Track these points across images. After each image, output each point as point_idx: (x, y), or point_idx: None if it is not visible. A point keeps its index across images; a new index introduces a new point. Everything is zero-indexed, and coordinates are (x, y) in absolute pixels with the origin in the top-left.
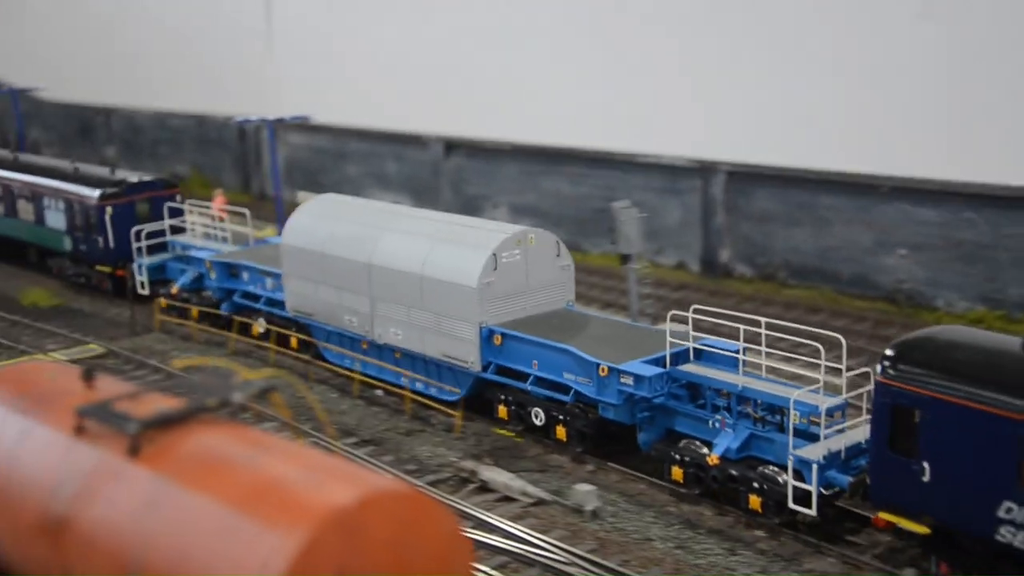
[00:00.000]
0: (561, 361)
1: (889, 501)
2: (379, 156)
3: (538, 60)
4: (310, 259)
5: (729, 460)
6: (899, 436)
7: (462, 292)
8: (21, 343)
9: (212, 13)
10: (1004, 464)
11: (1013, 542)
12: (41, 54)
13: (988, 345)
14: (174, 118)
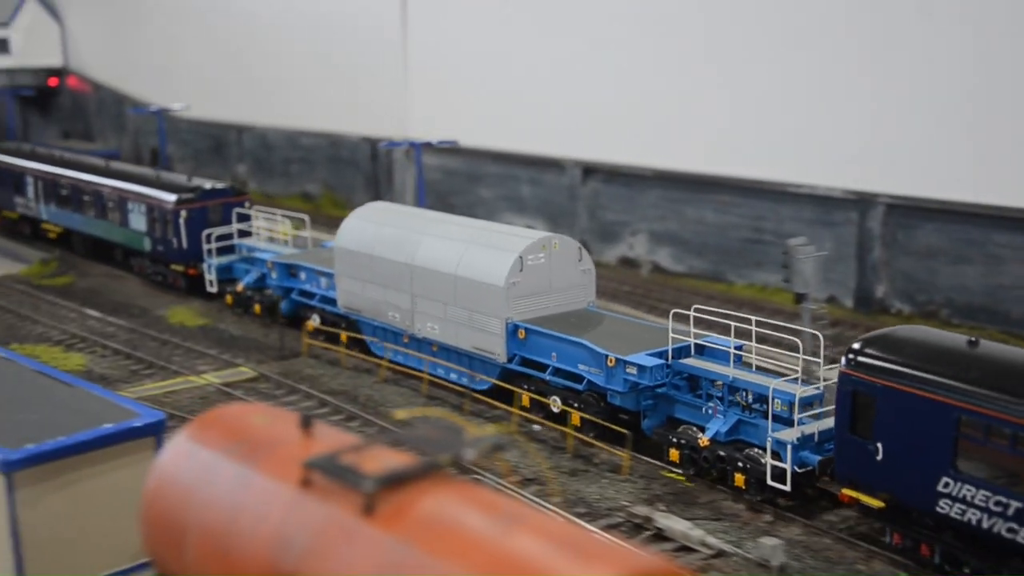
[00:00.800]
0: (576, 353)
1: (851, 478)
2: (514, 179)
3: (682, 84)
4: (359, 260)
5: (719, 443)
6: (858, 420)
7: (491, 291)
8: (173, 363)
9: (348, 34)
10: (942, 444)
11: (950, 513)
12: (179, 74)
13: (938, 342)
14: (306, 137)
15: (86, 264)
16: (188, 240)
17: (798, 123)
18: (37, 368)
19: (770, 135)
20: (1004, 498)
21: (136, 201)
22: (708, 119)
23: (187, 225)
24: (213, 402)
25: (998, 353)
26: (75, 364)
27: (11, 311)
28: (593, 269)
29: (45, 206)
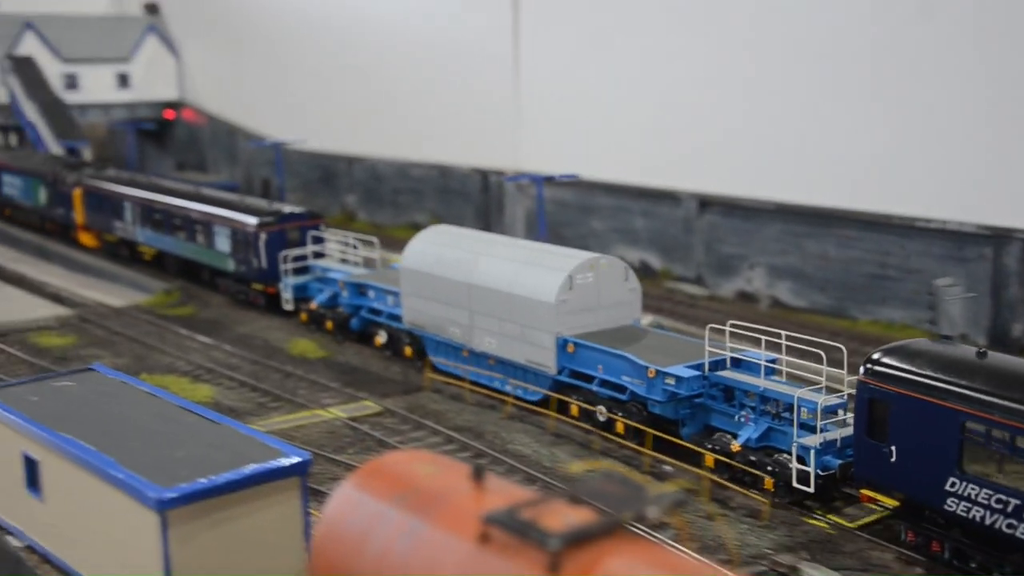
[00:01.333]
0: (620, 366)
1: (868, 479)
2: (627, 211)
3: (805, 115)
4: (423, 280)
5: (750, 448)
6: (874, 425)
7: (542, 307)
8: (299, 396)
9: (459, 66)
10: (949, 447)
11: (957, 511)
12: (290, 105)
13: (948, 353)
14: (416, 168)
15: (206, 295)
16: (267, 261)
17: (928, 156)
18: (182, 404)
19: (898, 168)
20: (1004, 496)
21: (221, 224)
22: (831, 151)
23: (267, 247)
24: (341, 436)
25: (1003, 363)
26: (203, 395)
27: (139, 341)
28: (639, 288)
29: (141, 229)
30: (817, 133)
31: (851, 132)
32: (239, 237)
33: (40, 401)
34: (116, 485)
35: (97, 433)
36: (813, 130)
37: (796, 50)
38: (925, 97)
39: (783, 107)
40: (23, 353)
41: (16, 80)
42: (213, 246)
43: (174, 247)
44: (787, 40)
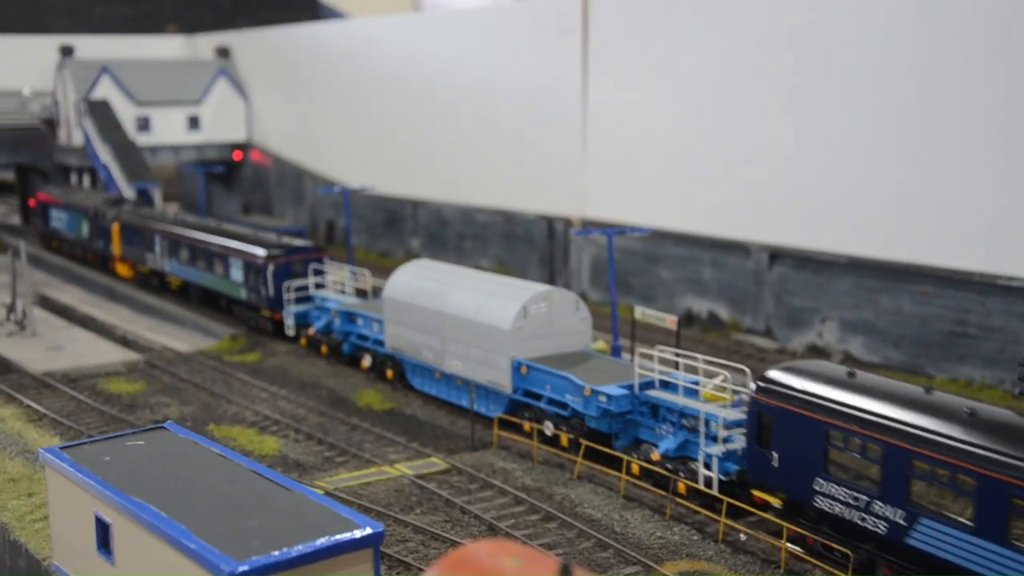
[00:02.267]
0: (564, 385)
1: (758, 482)
2: (696, 262)
3: (880, 167)
4: (403, 308)
5: (668, 457)
6: (762, 434)
7: (500, 334)
8: (365, 451)
9: (526, 112)
10: (816, 452)
11: (823, 507)
12: (356, 149)
13: (823, 373)
14: (481, 213)
15: (272, 343)
16: (274, 290)
17: (1010, 212)
18: (253, 468)
19: (978, 223)
20: (850, 494)
21: (235, 256)
22: (907, 204)
23: (273, 277)
24: (408, 495)
25: (867, 382)
26: (270, 449)
27: (205, 388)
28: (590, 318)
29: (168, 260)
30: (892, 186)
31: (928, 186)
32: (250, 268)
33: (112, 461)
34: (188, 554)
35: (169, 497)
36: (888, 183)
37: (871, 102)
38: (1007, 150)
39: (858, 159)
40: (93, 400)
41: (91, 123)
42: (228, 276)
43: (196, 277)
44: (862, 92)
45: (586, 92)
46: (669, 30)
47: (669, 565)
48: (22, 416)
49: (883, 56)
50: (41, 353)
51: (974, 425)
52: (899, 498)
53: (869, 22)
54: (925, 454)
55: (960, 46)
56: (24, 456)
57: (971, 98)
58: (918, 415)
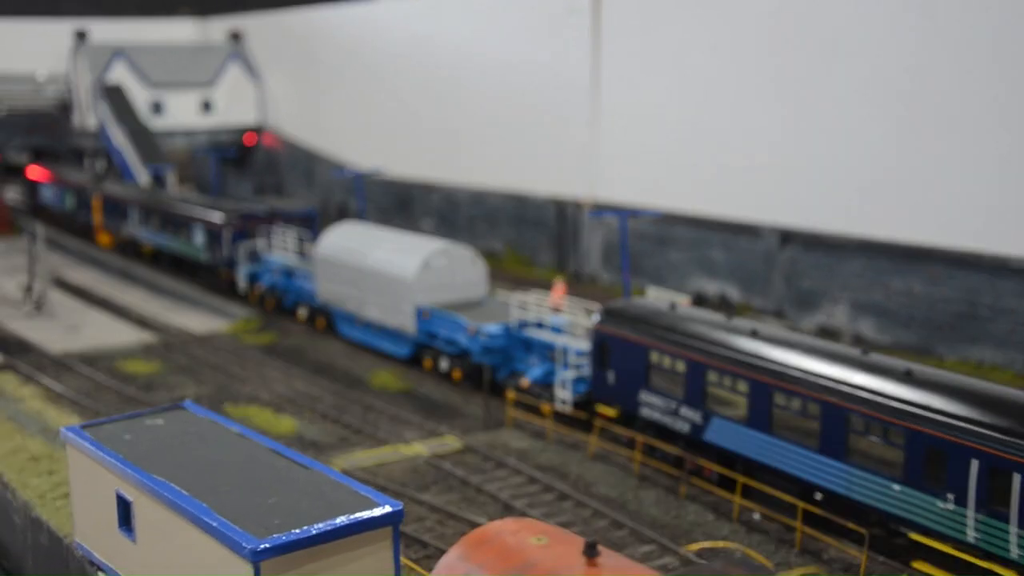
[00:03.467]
0: (455, 326)
1: (599, 398)
2: (706, 244)
3: (890, 150)
4: (330, 265)
5: (535, 384)
6: (601, 358)
7: (406, 284)
8: (380, 430)
9: (537, 95)
10: (641, 370)
11: (646, 415)
12: (367, 132)
13: (649, 307)
14: (492, 196)
15: (286, 323)
16: (229, 251)
17: (1023, 191)
18: (272, 447)
19: (989, 204)
20: (671, 403)
21: (197, 222)
22: (918, 186)
23: (232, 240)
24: (423, 474)
25: (683, 313)
26: (286, 428)
27: (221, 369)
28: (486, 271)
29: (142, 229)
30: (903, 167)
31: (939, 167)
32: (210, 232)
33: (133, 440)
34: (210, 533)
35: (190, 476)
36: (899, 164)
37: (881, 82)
38: (1018, 131)
39: (868, 140)
40: (110, 380)
41: (105, 106)
42: (192, 240)
43: (165, 242)
44: (872, 74)
45: (597, 73)
46: (681, 9)
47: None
48: (41, 395)
49: (893, 35)
50: (59, 334)
51: (757, 346)
52: (698, 403)
53: (878, 1)
54: (717, 366)
55: (971, 23)
56: (44, 435)
57: (982, 77)
58: (715, 336)
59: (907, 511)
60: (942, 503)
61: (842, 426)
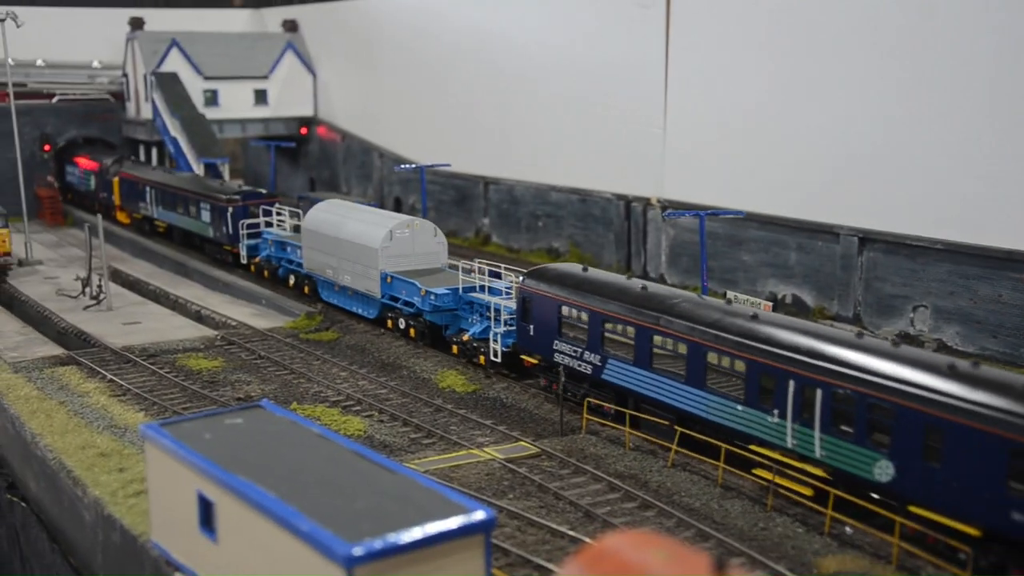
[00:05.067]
0: (412, 289)
1: (523, 348)
2: (780, 245)
3: (979, 150)
4: (314, 237)
5: (475, 338)
6: (524, 313)
7: (372, 252)
8: (451, 433)
9: (604, 90)
10: (555, 323)
11: (559, 360)
12: (425, 125)
13: (564, 270)
14: (555, 192)
15: (348, 320)
16: (232, 228)
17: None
18: (354, 448)
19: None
20: (576, 349)
21: (205, 201)
22: (1009, 187)
23: (232, 218)
24: (499, 479)
25: (592, 275)
26: (355, 429)
27: (285, 367)
28: (446, 243)
29: (156, 208)
30: (993, 168)
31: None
32: (215, 210)
33: (213, 439)
34: (299, 536)
35: (274, 477)
36: (989, 164)
37: (968, 77)
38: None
39: (956, 139)
40: (174, 376)
41: (160, 96)
42: (200, 218)
43: (176, 220)
44: (958, 72)
45: (667, 68)
46: (754, 5)
47: (824, 560)
48: (106, 390)
49: (982, 28)
50: (118, 328)
51: (643, 298)
52: (597, 348)
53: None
54: (612, 316)
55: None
56: (111, 431)
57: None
58: (612, 291)
59: (747, 427)
60: (771, 417)
61: (702, 362)
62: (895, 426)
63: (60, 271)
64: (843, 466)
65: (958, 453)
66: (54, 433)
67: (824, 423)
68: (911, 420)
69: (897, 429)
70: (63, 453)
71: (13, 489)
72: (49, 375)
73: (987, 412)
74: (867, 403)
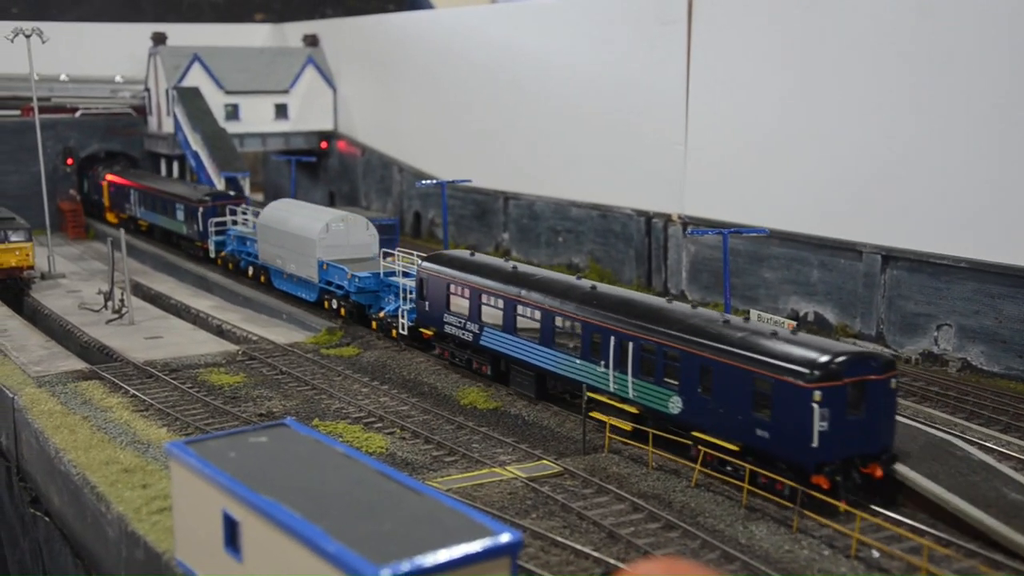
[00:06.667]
0: (342, 274)
1: (421, 322)
2: (802, 263)
3: (1004, 166)
4: (266, 231)
5: (388, 314)
6: (421, 291)
7: (311, 243)
8: (473, 451)
9: (625, 108)
10: (444, 297)
11: (448, 331)
12: (445, 140)
13: (455, 255)
14: (575, 207)
15: (369, 336)
16: (203, 226)
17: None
18: (380, 468)
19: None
20: (461, 320)
21: (179, 202)
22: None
23: (203, 217)
24: (522, 498)
25: (478, 260)
26: (377, 446)
27: (306, 382)
28: (376, 235)
29: (139, 208)
30: (1018, 187)
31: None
32: (188, 210)
33: (238, 458)
34: (326, 557)
35: (300, 497)
36: (1013, 183)
37: (992, 94)
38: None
39: (981, 155)
40: (196, 391)
41: (182, 110)
42: (176, 217)
43: (156, 219)
44: (985, 89)
45: (688, 85)
46: (774, 23)
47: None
48: (128, 405)
49: (1013, 43)
50: (141, 342)
51: (510, 276)
52: (476, 318)
53: (997, 6)
54: (489, 292)
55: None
56: (134, 446)
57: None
58: (487, 272)
59: (583, 376)
60: (599, 368)
61: (551, 326)
62: (681, 368)
63: (82, 284)
64: (649, 403)
65: (722, 387)
66: (78, 448)
67: (635, 370)
68: (691, 363)
69: (683, 371)
70: (87, 468)
71: (36, 503)
72: (72, 389)
73: (740, 353)
74: (663, 352)
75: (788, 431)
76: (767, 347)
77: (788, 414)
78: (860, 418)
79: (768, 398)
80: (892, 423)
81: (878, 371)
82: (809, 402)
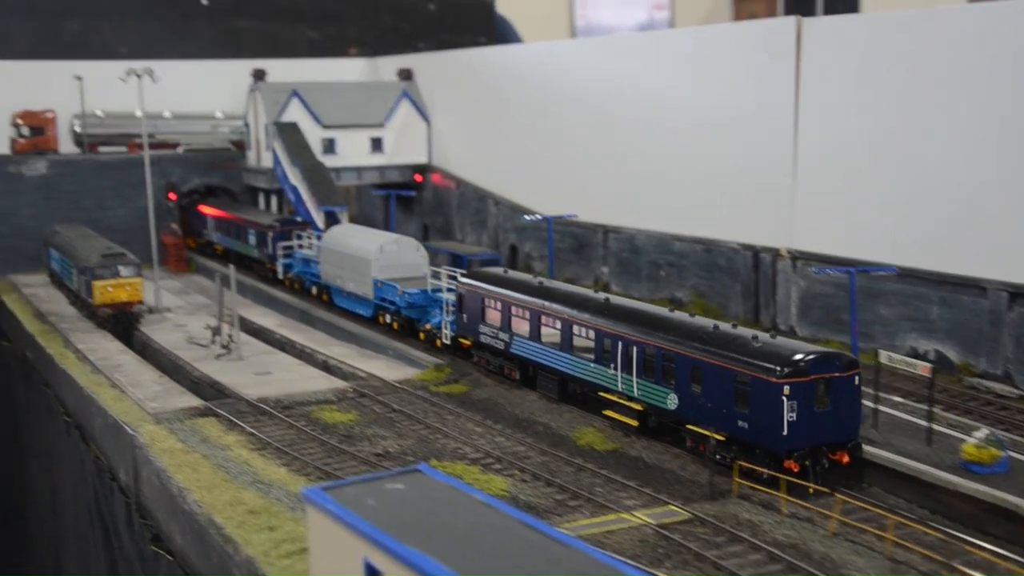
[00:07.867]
0: (393, 291)
1: (460, 333)
2: (921, 299)
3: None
4: (328, 253)
5: (434, 327)
6: (460, 305)
7: (367, 263)
8: (597, 495)
9: (732, 140)
10: (479, 310)
11: (483, 341)
12: (542, 172)
13: (490, 273)
14: (678, 241)
15: (477, 373)
16: (273, 249)
17: None
18: (522, 519)
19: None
20: (494, 330)
21: (251, 227)
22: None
23: (272, 241)
24: (654, 546)
25: (511, 276)
26: (498, 488)
27: (419, 421)
28: (426, 255)
29: (215, 234)
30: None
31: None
32: (259, 235)
33: (377, 505)
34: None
35: (442, 547)
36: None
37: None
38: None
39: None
40: (311, 429)
41: (280, 145)
42: (248, 242)
43: (230, 244)
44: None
45: (797, 116)
46: (887, 53)
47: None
48: (246, 444)
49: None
50: (251, 378)
51: (536, 290)
52: (507, 329)
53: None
54: (518, 304)
55: None
56: (257, 486)
57: None
58: (517, 288)
59: (596, 378)
60: (610, 370)
61: (569, 334)
62: (676, 369)
63: (188, 318)
64: (650, 400)
65: (710, 385)
66: (201, 488)
67: (639, 371)
68: (685, 364)
69: (678, 371)
70: (212, 509)
71: (158, 541)
72: (189, 426)
73: (724, 355)
74: (662, 355)
75: (763, 422)
76: (747, 349)
77: (762, 407)
78: (826, 410)
79: (746, 393)
80: (857, 415)
81: (842, 369)
82: (779, 396)
